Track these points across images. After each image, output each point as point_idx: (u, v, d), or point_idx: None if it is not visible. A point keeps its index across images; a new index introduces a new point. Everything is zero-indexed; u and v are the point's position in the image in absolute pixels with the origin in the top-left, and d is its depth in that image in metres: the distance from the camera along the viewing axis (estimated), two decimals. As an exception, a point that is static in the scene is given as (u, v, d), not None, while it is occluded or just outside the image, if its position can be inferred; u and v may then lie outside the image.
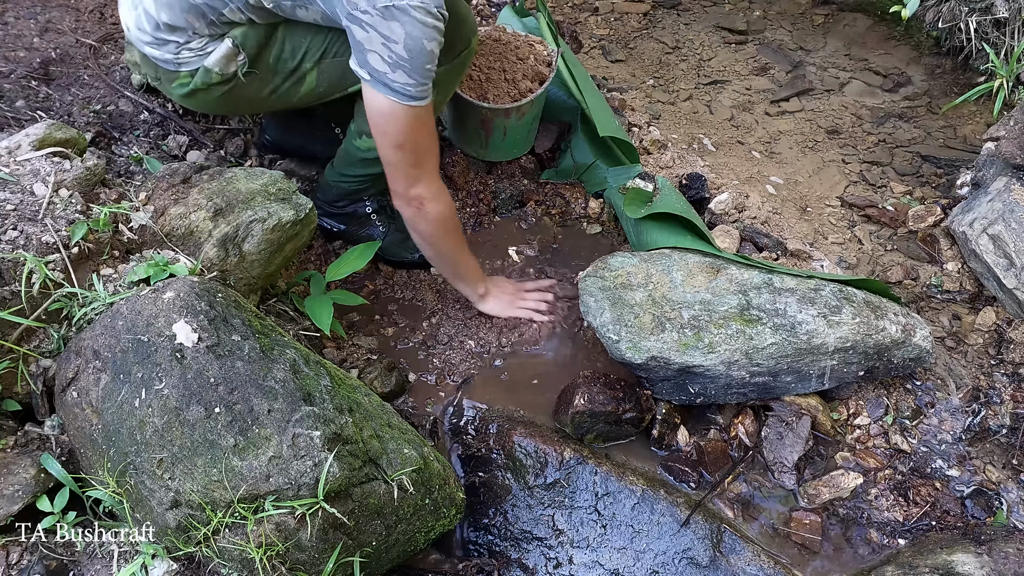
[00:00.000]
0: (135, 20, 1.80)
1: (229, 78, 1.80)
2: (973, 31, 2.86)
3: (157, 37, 1.78)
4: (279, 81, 1.86)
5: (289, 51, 1.81)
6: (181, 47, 1.77)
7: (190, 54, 1.78)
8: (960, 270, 2.36)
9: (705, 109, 2.94)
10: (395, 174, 1.79)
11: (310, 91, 1.89)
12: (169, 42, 1.77)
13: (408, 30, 1.55)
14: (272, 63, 1.82)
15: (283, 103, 1.93)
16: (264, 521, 1.31)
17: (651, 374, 1.91)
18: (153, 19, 1.75)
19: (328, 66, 1.85)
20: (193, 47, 1.77)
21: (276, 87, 1.87)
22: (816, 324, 1.88)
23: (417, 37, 1.56)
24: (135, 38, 1.82)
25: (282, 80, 1.86)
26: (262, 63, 1.81)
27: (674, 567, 1.73)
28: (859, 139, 2.83)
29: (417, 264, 2.25)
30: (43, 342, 1.50)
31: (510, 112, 2.26)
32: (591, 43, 3.17)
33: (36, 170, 1.57)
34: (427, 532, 1.58)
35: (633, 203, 2.22)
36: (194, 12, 1.72)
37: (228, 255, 1.68)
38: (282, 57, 1.82)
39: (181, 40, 1.76)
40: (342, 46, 1.81)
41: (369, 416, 1.52)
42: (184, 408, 1.32)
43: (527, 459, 1.83)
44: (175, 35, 1.76)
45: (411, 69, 1.60)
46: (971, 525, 1.84)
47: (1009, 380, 2.10)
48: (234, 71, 1.79)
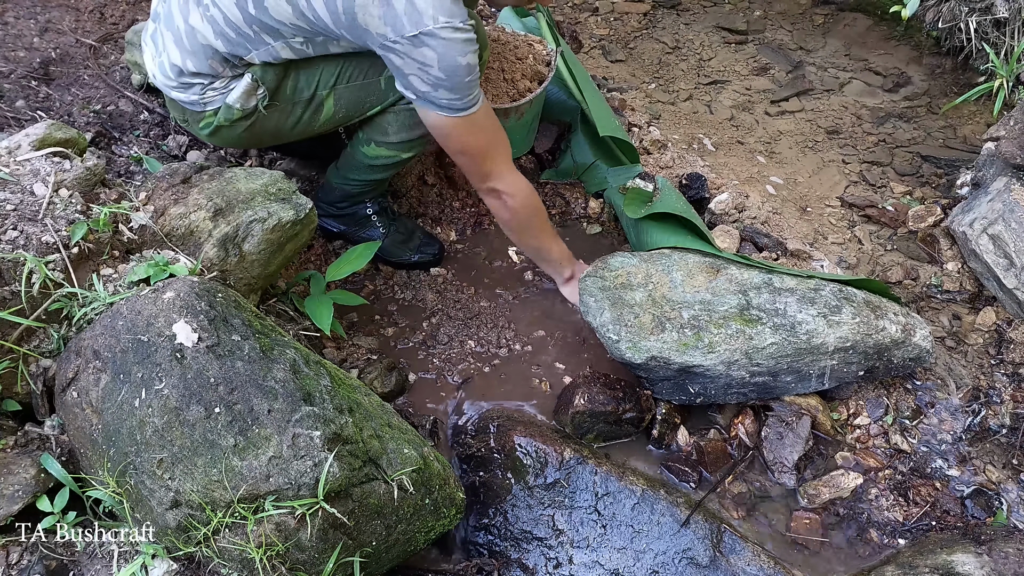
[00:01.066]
0: (159, 68, 1.84)
1: (251, 112, 1.84)
2: (973, 31, 2.86)
3: (182, 82, 1.82)
4: (299, 111, 1.89)
5: (305, 81, 1.85)
6: (206, 88, 1.81)
7: (214, 93, 1.82)
8: (960, 270, 2.36)
9: (705, 109, 2.94)
10: (468, 173, 1.91)
11: (329, 117, 1.92)
12: (194, 85, 1.81)
13: (440, 52, 1.59)
14: (290, 94, 1.85)
15: (307, 132, 1.96)
16: (264, 521, 1.31)
17: (651, 374, 1.91)
18: (177, 67, 1.79)
19: (344, 91, 1.88)
20: (217, 87, 1.81)
21: (297, 117, 1.90)
22: (816, 324, 1.88)
23: (451, 56, 1.60)
24: (160, 83, 1.87)
25: (302, 110, 1.89)
26: (281, 95, 1.85)
27: (674, 567, 1.73)
28: (859, 139, 2.83)
29: (417, 264, 2.25)
30: (43, 342, 1.50)
31: (509, 112, 2.26)
32: (591, 43, 3.18)
33: (36, 170, 1.57)
34: (427, 532, 1.58)
35: (633, 203, 2.22)
36: (218, 58, 1.76)
37: (228, 255, 1.68)
38: (298, 87, 1.85)
39: (206, 83, 1.81)
40: (355, 71, 1.85)
41: (369, 416, 1.52)
42: (184, 408, 1.32)
43: (527, 459, 1.83)
44: (199, 79, 1.80)
45: (451, 86, 1.64)
46: (971, 525, 1.84)
47: (1009, 380, 2.10)
48: (255, 105, 1.82)
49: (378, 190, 2.17)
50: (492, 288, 2.26)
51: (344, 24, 1.63)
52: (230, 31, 1.70)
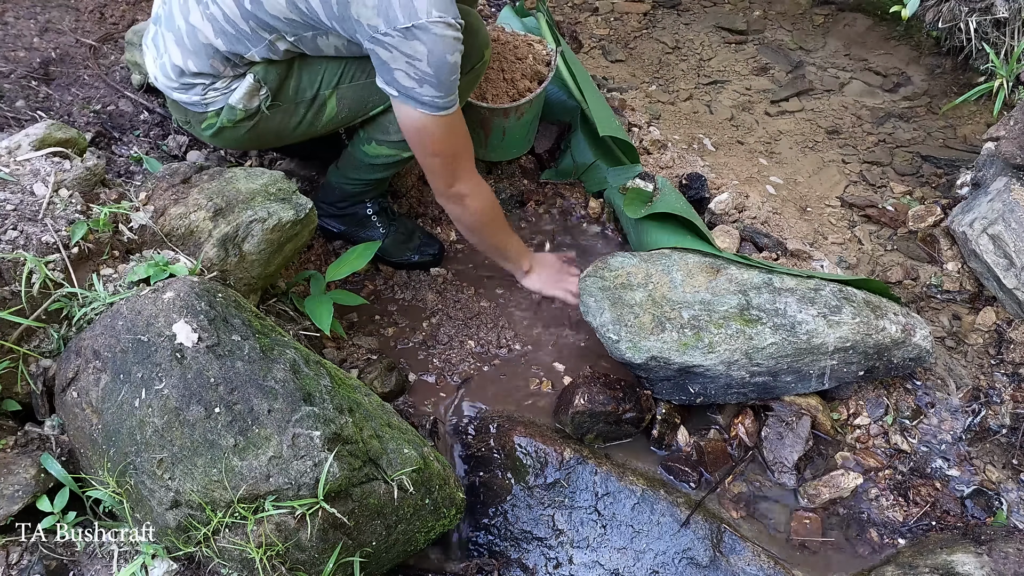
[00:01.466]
0: (160, 69, 1.84)
1: (253, 113, 1.84)
2: (973, 31, 2.86)
3: (184, 83, 1.82)
4: (302, 111, 1.90)
5: (307, 80, 1.85)
6: (208, 88, 1.82)
7: (216, 94, 1.82)
8: (960, 270, 2.36)
9: (705, 109, 2.94)
10: (434, 177, 1.87)
11: (332, 117, 1.92)
12: (196, 85, 1.82)
13: (430, 47, 1.59)
14: (292, 94, 1.86)
15: (309, 132, 1.97)
16: (264, 521, 1.31)
17: (651, 374, 1.91)
18: (178, 67, 1.80)
19: (346, 91, 1.88)
20: (219, 87, 1.82)
21: (300, 118, 1.91)
22: (816, 324, 1.88)
23: (440, 52, 1.60)
24: (162, 86, 1.87)
25: (305, 110, 1.89)
26: (283, 95, 1.85)
27: (674, 567, 1.73)
28: (859, 139, 2.83)
29: (417, 265, 2.25)
30: (43, 342, 1.50)
31: (508, 112, 2.26)
32: (591, 43, 3.17)
33: (36, 170, 1.57)
34: (427, 532, 1.58)
35: (633, 203, 2.22)
36: (219, 58, 1.76)
37: (228, 255, 1.68)
38: (301, 87, 1.86)
39: (207, 83, 1.81)
40: (357, 70, 1.85)
41: (369, 416, 1.52)
42: (184, 408, 1.32)
43: (527, 459, 1.83)
44: (201, 79, 1.80)
45: (437, 83, 1.64)
46: (971, 525, 1.84)
47: (1009, 380, 2.10)
48: (257, 105, 1.83)
49: (378, 190, 2.17)
50: (492, 288, 2.26)
51: (336, 15, 1.63)
52: (229, 28, 1.71)
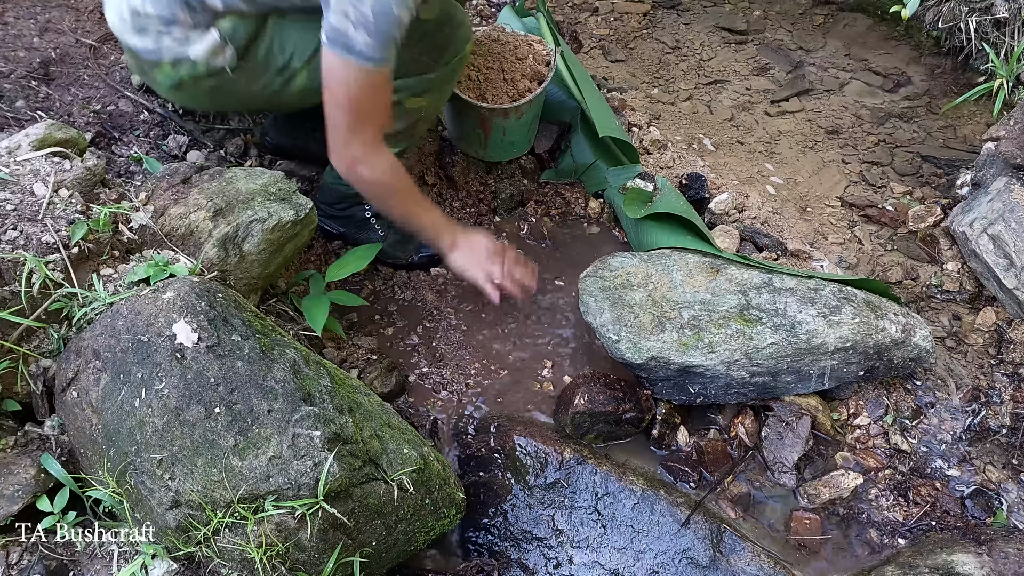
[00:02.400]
0: (117, 13, 1.79)
1: (217, 71, 1.78)
2: (973, 31, 2.86)
3: (137, 25, 1.76)
4: (269, 77, 1.84)
5: (278, 46, 1.80)
6: (162, 34, 1.75)
7: (171, 42, 1.75)
8: (960, 270, 2.36)
9: (705, 109, 2.94)
10: (333, 131, 1.72)
11: (303, 89, 1.86)
12: (149, 30, 1.75)
13: None
14: (262, 58, 1.80)
15: (276, 102, 1.91)
16: (264, 521, 1.31)
17: (651, 374, 1.91)
18: (133, 8, 1.74)
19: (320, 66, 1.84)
20: (176, 35, 1.75)
21: (266, 83, 1.85)
22: (816, 324, 1.88)
23: (385, 2, 1.54)
24: (118, 31, 1.81)
25: (272, 76, 1.84)
26: (251, 57, 1.79)
27: (674, 567, 1.73)
28: (859, 139, 2.83)
29: (417, 265, 2.25)
30: (43, 342, 1.50)
31: (508, 112, 2.26)
32: (591, 43, 3.17)
33: (36, 170, 1.57)
34: (427, 532, 1.58)
35: (633, 203, 2.22)
36: (179, 2, 1.71)
37: (228, 255, 1.68)
38: (271, 52, 1.80)
39: (162, 29, 1.74)
40: None
41: (369, 416, 1.52)
42: (184, 408, 1.32)
43: (527, 459, 1.83)
44: (155, 24, 1.74)
45: (373, 30, 1.56)
46: (971, 525, 1.84)
47: (1009, 380, 2.10)
48: (221, 66, 1.77)
49: (376, 190, 2.15)
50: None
51: None
52: None
